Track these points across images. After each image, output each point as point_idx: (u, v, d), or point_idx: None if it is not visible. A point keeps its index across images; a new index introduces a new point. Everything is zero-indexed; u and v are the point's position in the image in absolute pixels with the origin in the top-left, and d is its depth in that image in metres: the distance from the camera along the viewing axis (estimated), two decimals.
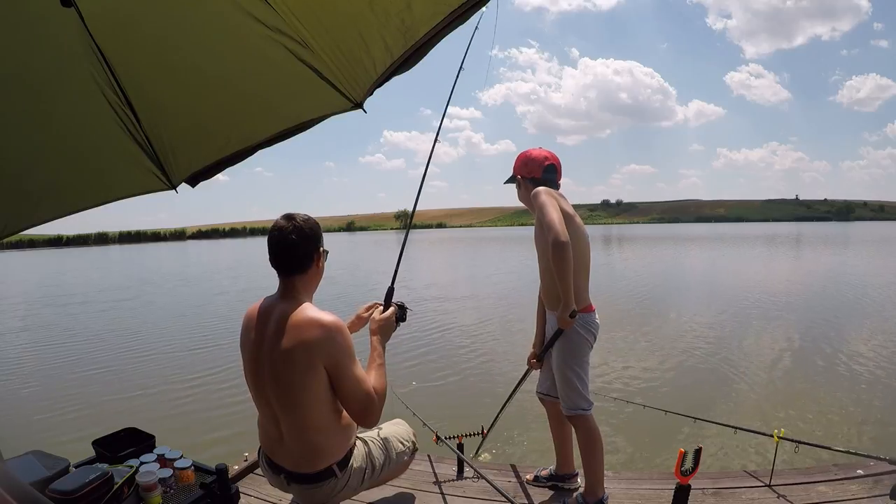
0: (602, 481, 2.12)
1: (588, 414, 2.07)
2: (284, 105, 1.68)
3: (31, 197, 1.75)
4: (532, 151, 2.19)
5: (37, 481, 1.50)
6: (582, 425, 2.08)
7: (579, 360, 2.06)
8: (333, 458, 1.57)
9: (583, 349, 2.07)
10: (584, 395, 2.06)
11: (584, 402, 2.06)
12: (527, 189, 2.15)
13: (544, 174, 2.14)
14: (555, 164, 2.17)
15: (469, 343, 7.32)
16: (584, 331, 2.04)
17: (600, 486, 2.11)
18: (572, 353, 2.06)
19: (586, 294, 2.08)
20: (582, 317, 2.02)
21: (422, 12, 1.27)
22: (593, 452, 2.07)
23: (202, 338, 8.32)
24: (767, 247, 30.17)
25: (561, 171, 2.20)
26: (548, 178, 2.14)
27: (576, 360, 2.06)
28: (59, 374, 6.45)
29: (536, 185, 2.10)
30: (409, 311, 1.82)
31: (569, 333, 2.04)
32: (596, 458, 2.08)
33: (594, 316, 2.09)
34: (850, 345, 6.52)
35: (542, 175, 2.14)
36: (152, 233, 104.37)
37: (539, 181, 2.13)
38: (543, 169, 2.14)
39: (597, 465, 2.09)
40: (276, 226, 1.54)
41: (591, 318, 2.07)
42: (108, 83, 1.51)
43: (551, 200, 1.98)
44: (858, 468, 2.30)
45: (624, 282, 13.89)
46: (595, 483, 2.10)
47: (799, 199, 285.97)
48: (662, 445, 3.67)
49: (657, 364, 5.94)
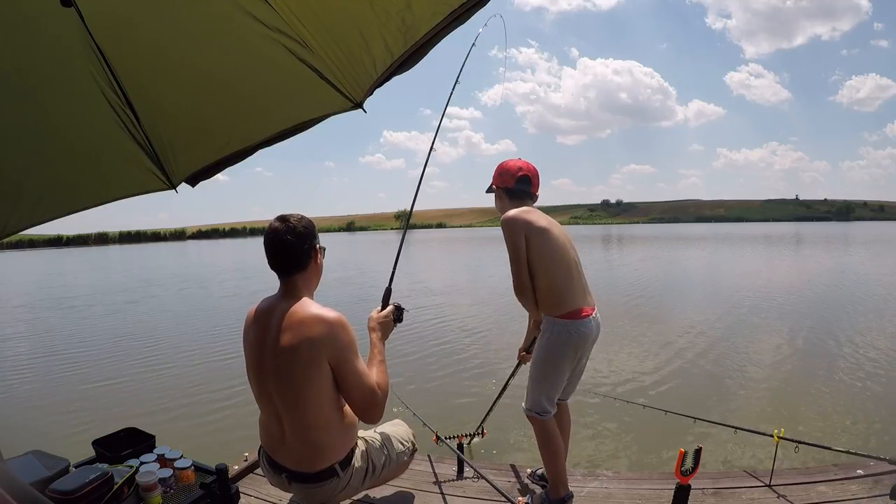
0: (565, 482, 2.14)
1: (542, 420, 2.08)
2: (284, 105, 1.68)
3: (31, 197, 1.75)
4: (508, 162, 2.22)
5: (37, 481, 1.50)
6: (537, 427, 2.10)
7: (549, 365, 2.05)
8: (335, 457, 1.57)
9: (557, 355, 2.03)
10: (541, 401, 2.07)
11: (540, 407, 2.07)
12: (500, 199, 2.22)
13: (517, 184, 2.17)
14: (529, 175, 2.19)
15: (469, 343, 7.31)
16: (561, 338, 2.01)
17: (563, 486, 2.13)
18: (543, 357, 2.06)
19: (571, 297, 2.04)
20: (563, 323, 2.01)
21: (422, 12, 1.27)
22: (549, 454, 2.10)
23: (203, 338, 8.32)
24: (767, 247, 30.17)
25: (538, 182, 2.22)
26: (520, 188, 2.18)
27: (545, 364, 2.06)
28: (59, 374, 6.44)
29: (510, 196, 2.17)
30: (406, 311, 1.82)
31: (546, 336, 2.04)
32: (553, 459, 2.11)
33: (580, 324, 2.02)
34: (851, 344, 6.51)
35: (514, 185, 2.17)
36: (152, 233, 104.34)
37: (512, 191, 2.18)
38: (516, 180, 2.17)
39: (556, 465, 2.12)
40: (271, 228, 1.54)
41: (574, 325, 2.01)
42: (108, 83, 1.51)
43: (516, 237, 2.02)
44: (858, 468, 2.30)
45: (624, 282, 13.89)
46: (556, 482, 2.13)
47: (799, 199, 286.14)
48: (662, 445, 3.67)
49: (657, 364, 5.93)
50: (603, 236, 55.17)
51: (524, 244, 2.02)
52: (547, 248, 2.03)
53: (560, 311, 2.02)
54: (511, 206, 2.14)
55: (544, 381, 2.07)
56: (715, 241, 39.64)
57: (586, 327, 2.04)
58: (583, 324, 2.03)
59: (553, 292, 2.03)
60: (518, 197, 2.17)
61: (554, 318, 2.02)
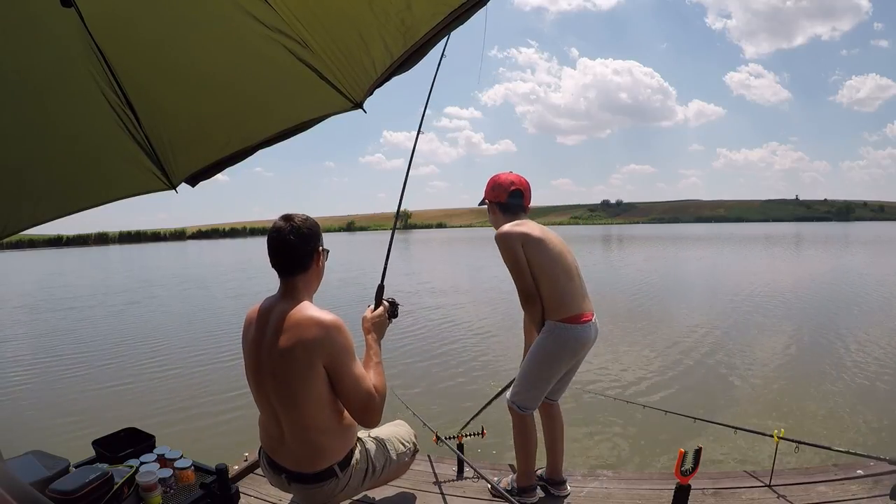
0: (532, 475, 2.22)
1: (522, 414, 2.11)
2: (284, 105, 1.68)
3: (32, 197, 1.75)
4: (500, 176, 2.24)
5: (37, 481, 1.50)
6: (516, 419, 2.14)
7: (546, 367, 2.07)
8: (334, 458, 1.57)
9: (554, 358, 2.05)
10: (526, 398, 2.10)
11: (522, 402, 2.10)
12: (493, 213, 2.24)
13: (509, 199, 2.19)
14: (521, 189, 2.20)
15: (470, 343, 7.32)
16: (559, 342, 2.02)
17: (532, 476, 2.21)
18: (543, 358, 2.06)
19: (572, 302, 2.04)
20: (563, 327, 2.02)
21: (421, 12, 1.27)
22: (521, 446, 2.16)
23: (203, 338, 8.32)
24: (768, 247, 30.16)
25: (530, 196, 2.24)
26: (513, 202, 2.19)
27: (538, 365, 2.07)
28: (59, 374, 6.45)
29: (503, 210, 2.20)
30: (400, 306, 1.82)
31: (544, 338, 2.05)
32: (525, 451, 2.16)
33: (579, 329, 2.03)
34: (851, 344, 6.52)
35: (507, 199, 2.19)
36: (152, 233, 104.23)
37: (505, 205, 2.19)
38: (509, 194, 2.19)
39: (527, 457, 2.17)
40: (274, 227, 1.54)
41: (574, 330, 2.02)
42: (108, 83, 1.51)
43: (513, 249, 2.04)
44: (858, 468, 2.30)
45: (624, 281, 13.90)
46: (527, 472, 2.20)
47: (799, 199, 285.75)
48: (662, 445, 3.67)
49: (657, 364, 5.94)
50: (603, 236, 55.15)
51: (523, 254, 2.04)
52: (545, 256, 2.05)
53: (561, 315, 2.02)
54: (504, 220, 2.17)
55: (536, 381, 2.08)
56: (715, 241, 39.64)
57: (586, 332, 2.05)
58: (583, 329, 2.04)
59: (555, 298, 2.04)
60: (511, 211, 2.19)
61: (555, 321, 2.03)
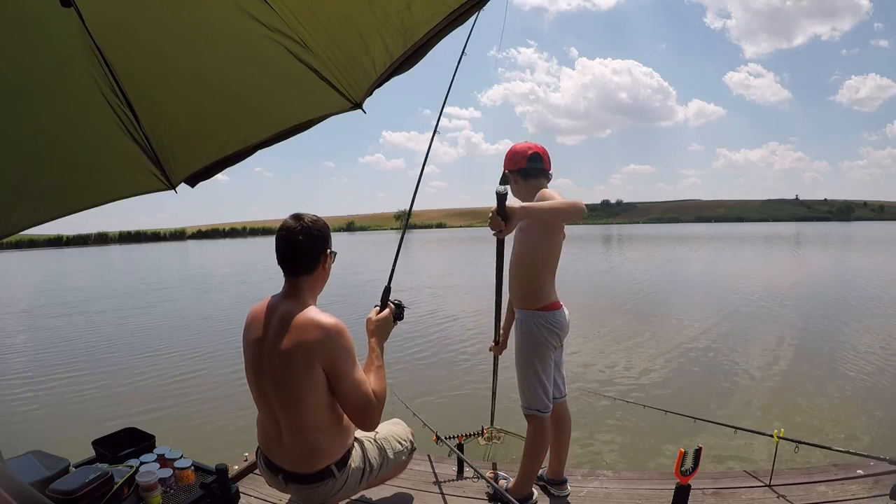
0: (534, 481, 2.19)
1: (544, 416, 2.08)
2: (284, 105, 1.68)
3: (32, 197, 1.75)
4: (516, 145, 2.20)
5: (37, 481, 1.50)
6: (536, 426, 2.09)
7: (540, 359, 2.07)
8: (331, 458, 1.57)
9: (543, 347, 2.06)
10: (541, 397, 2.07)
11: (541, 403, 2.07)
12: (516, 182, 2.16)
13: (529, 163, 2.13)
14: (539, 152, 2.15)
15: (470, 342, 7.31)
16: (545, 330, 2.05)
17: (530, 484, 2.18)
18: (533, 351, 2.06)
19: (552, 290, 2.10)
20: (544, 315, 2.05)
21: (421, 13, 1.28)
22: (535, 454, 2.11)
23: (203, 338, 8.32)
24: (768, 247, 30.15)
25: (549, 160, 2.18)
26: (533, 166, 2.13)
27: (537, 359, 2.07)
28: (59, 374, 6.45)
29: (525, 176, 2.12)
30: (406, 309, 1.81)
31: (531, 330, 2.05)
32: (535, 459, 2.12)
33: (559, 314, 2.08)
34: (851, 344, 6.52)
35: (527, 164, 2.13)
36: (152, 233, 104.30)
37: (526, 171, 2.13)
38: (528, 158, 2.13)
39: (534, 465, 2.14)
40: (284, 225, 1.54)
41: (554, 316, 2.06)
42: (108, 83, 1.51)
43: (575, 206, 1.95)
44: (858, 468, 2.30)
45: (624, 281, 13.90)
46: (529, 480, 2.17)
47: (799, 199, 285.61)
48: (662, 445, 3.67)
49: (657, 364, 5.94)
50: (603, 236, 55.12)
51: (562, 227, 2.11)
52: (559, 245, 2.10)
53: (542, 303, 2.06)
54: (528, 188, 2.10)
55: (539, 375, 2.07)
56: (715, 241, 39.63)
57: (563, 317, 2.10)
58: (561, 314, 2.09)
59: (545, 285, 2.08)
60: (533, 176, 2.12)
61: (535, 310, 2.05)
